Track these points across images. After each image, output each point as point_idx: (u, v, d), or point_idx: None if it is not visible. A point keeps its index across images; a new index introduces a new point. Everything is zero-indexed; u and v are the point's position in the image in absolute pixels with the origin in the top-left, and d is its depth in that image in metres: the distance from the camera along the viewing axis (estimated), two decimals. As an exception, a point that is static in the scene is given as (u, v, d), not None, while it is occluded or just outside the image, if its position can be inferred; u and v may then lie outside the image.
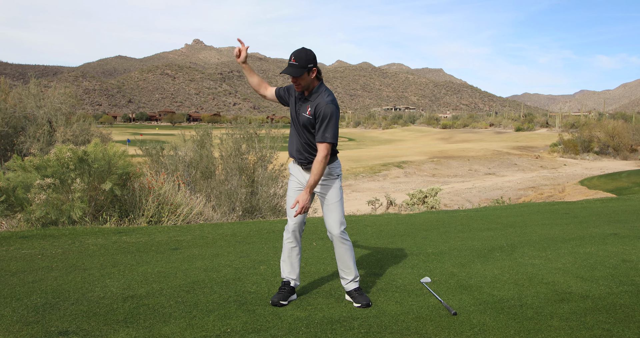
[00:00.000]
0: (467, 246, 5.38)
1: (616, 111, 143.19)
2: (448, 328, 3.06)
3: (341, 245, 3.52)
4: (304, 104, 3.43)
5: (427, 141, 64.45)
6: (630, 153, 42.05)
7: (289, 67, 3.29)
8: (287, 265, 3.58)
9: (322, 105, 3.32)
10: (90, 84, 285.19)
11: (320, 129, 3.33)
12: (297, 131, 3.51)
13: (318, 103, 3.35)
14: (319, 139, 3.32)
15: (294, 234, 3.53)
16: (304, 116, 3.40)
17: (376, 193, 20.67)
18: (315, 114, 3.35)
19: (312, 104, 3.37)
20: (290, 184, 3.62)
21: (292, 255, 3.56)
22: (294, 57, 3.27)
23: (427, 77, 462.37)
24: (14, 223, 6.49)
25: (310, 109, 3.37)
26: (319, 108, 3.32)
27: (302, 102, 3.45)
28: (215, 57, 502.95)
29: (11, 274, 4.11)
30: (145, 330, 2.97)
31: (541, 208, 8.81)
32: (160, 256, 4.82)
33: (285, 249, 3.57)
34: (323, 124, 3.31)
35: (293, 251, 3.56)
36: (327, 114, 3.30)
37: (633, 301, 3.60)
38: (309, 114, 3.37)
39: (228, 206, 9.13)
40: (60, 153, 6.39)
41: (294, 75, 3.26)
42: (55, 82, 16.49)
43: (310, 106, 3.38)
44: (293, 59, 3.27)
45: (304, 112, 3.40)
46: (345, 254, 3.53)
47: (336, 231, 3.47)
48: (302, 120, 3.42)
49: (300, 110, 3.44)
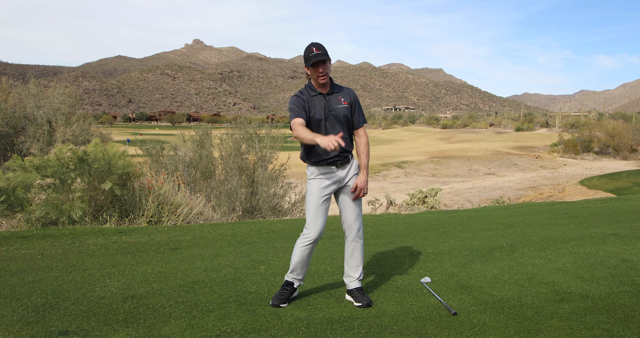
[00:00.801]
0: (467, 246, 5.38)
1: (616, 111, 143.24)
2: (448, 328, 3.06)
3: (359, 240, 3.52)
4: (332, 98, 3.44)
5: (427, 141, 64.46)
6: (630, 153, 42.05)
7: (316, 56, 3.28)
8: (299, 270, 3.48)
9: (352, 93, 3.52)
10: (90, 84, 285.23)
11: (360, 114, 3.52)
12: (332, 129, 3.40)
13: (349, 92, 3.51)
14: (362, 123, 3.52)
15: (315, 243, 3.44)
16: (342, 107, 3.43)
17: (376, 193, 20.67)
18: (351, 102, 3.47)
19: (343, 94, 3.47)
20: (315, 192, 3.42)
21: (306, 263, 3.49)
22: (315, 48, 3.30)
23: (427, 77, 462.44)
24: (14, 223, 6.49)
25: (344, 98, 3.46)
26: (353, 95, 3.50)
27: (329, 98, 3.43)
28: (215, 57, 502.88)
29: (11, 274, 4.12)
30: (145, 330, 2.97)
31: (541, 208, 8.81)
32: (160, 256, 4.82)
33: (301, 256, 3.43)
34: (360, 109, 3.52)
35: (308, 258, 3.48)
36: (358, 100, 3.54)
37: (633, 301, 3.59)
38: (345, 103, 3.44)
39: (228, 206, 9.13)
40: (60, 153, 6.39)
41: (327, 59, 3.32)
42: (55, 82, 16.49)
43: (342, 96, 3.46)
44: (316, 49, 3.30)
45: (339, 105, 3.43)
46: (358, 251, 3.53)
47: (357, 225, 3.48)
48: (341, 112, 3.42)
49: (332, 104, 3.42)
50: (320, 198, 3.41)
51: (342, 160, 3.44)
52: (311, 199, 3.42)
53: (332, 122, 3.41)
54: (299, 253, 3.44)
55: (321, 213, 3.41)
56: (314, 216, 3.39)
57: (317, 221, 3.39)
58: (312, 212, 3.40)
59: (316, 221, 3.39)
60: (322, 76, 3.34)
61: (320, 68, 3.31)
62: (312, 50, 3.29)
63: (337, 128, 3.41)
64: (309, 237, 3.39)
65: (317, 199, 3.41)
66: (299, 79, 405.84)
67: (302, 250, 3.43)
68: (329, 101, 3.42)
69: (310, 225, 3.40)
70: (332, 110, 3.41)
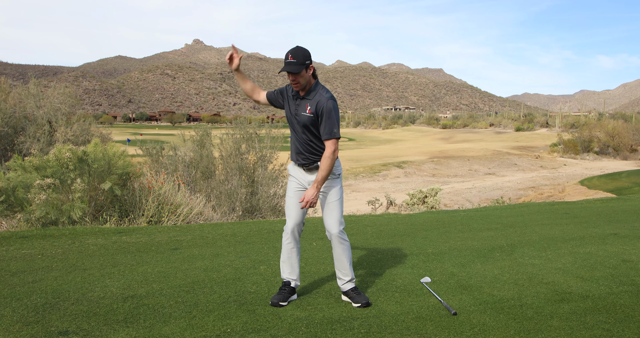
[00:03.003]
0: (467, 246, 5.38)
1: (616, 111, 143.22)
2: (448, 328, 3.06)
3: (339, 244, 3.51)
4: (301, 103, 3.40)
5: (427, 141, 64.44)
6: (630, 153, 42.04)
7: (288, 65, 3.25)
8: (287, 266, 3.57)
9: (323, 102, 3.32)
10: (90, 84, 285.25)
11: (326, 126, 3.32)
12: (296, 132, 3.48)
13: (319, 101, 3.33)
14: (327, 136, 3.32)
15: (293, 234, 3.53)
16: (304, 115, 3.37)
17: (376, 193, 20.67)
18: (317, 111, 3.33)
19: (312, 103, 3.35)
20: (290, 184, 3.60)
21: (291, 256, 3.55)
22: (291, 55, 3.25)
23: (427, 77, 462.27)
24: (14, 223, 6.49)
25: (310, 107, 3.35)
26: (321, 105, 3.31)
27: (299, 102, 3.42)
28: (215, 57, 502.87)
29: (11, 274, 4.11)
30: (145, 330, 2.97)
31: (541, 208, 8.81)
32: (160, 256, 4.82)
33: (285, 250, 3.57)
34: (328, 120, 3.31)
35: (292, 252, 3.55)
36: (330, 110, 3.31)
37: (633, 301, 3.60)
38: (309, 112, 3.35)
39: (228, 206, 9.13)
40: (60, 153, 6.39)
41: (294, 72, 3.24)
42: (55, 82, 16.49)
43: (310, 105, 3.35)
44: (290, 57, 3.25)
45: (303, 112, 3.37)
46: (342, 254, 3.52)
47: (335, 230, 3.47)
48: (302, 119, 3.38)
49: (299, 110, 3.41)
50: (293, 190, 3.57)
51: (306, 163, 3.48)
52: (287, 192, 3.63)
53: (295, 126, 3.47)
54: (283, 248, 3.60)
55: (293, 205, 3.52)
56: (287, 207, 3.57)
57: (289, 211, 3.54)
58: (286, 204, 3.58)
59: (289, 212, 3.54)
60: (293, 84, 3.35)
61: (290, 76, 3.31)
62: (288, 57, 3.27)
63: (297, 132, 3.47)
64: (286, 228, 3.56)
65: (291, 192, 3.57)
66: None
67: (285, 244, 3.58)
68: (297, 106, 3.43)
69: (286, 216, 3.58)
70: (296, 115, 3.43)
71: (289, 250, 3.56)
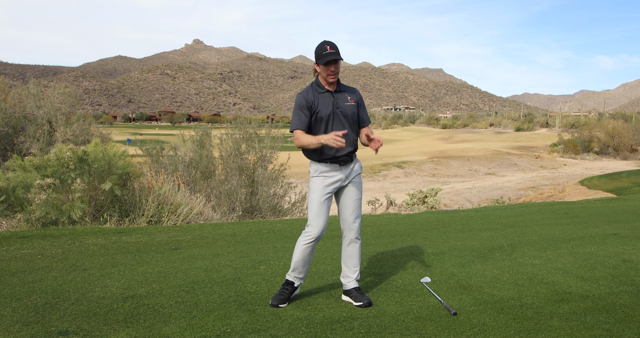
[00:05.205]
0: (467, 246, 5.38)
1: (616, 111, 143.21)
2: (448, 328, 3.06)
3: (357, 241, 3.55)
4: (339, 96, 3.46)
5: (427, 141, 64.45)
6: (630, 153, 42.05)
7: (331, 55, 3.30)
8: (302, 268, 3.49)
9: (358, 92, 3.59)
10: (90, 84, 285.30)
11: (364, 113, 3.56)
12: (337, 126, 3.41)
13: (354, 91, 3.56)
14: (367, 122, 3.56)
15: (317, 241, 3.44)
16: (349, 105, 3.47)
17: (376, 193, 20.67)
18: (357, 100, 3.53)
19: (348, 93, 3.52)
20: (320, 189, 3.41)
21: (309, 260, 3.50)
22: (329, 46, 3.33)
23: (427, 77, 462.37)
24: (14, 223, 6.49)
25: (350, 97, 3.50)
26: (357, 94, 3.57)
27: (336, 95, 3.46)
28: (215, 57, 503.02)
29: (11, 274, 4.11)
30: (145, 330, 2.97)
31: (541, 208, 8.81)
32: (160, 256, 4.82)
33: (304, 254, 3.44)
34: (363, 109, 3.58)
35: (310, 256, 3.49)
36: (362, 100, 3.62)
37: (633, 301, 3.60)
38: (352, 102, 3.49)
39: (228, 206, 9.13)
40: (60, 152, 6.39)
41: (340, 58, 3.34)
42: (55, 82, 16.47)
43: (349, 95, 3.50)
44: (329, 48, 3.32)
45: (346, 103, 3.46)
46: (357, 251, 3.56)
47: (357, 225, 3.51)
48: (349, 109, 3.46)
49: (339, 102, 3.44)
50: (322, 195, 3.41)
51: (346, 158, 3.44)
52: (314, 196, 3.43)
53: (337, 120, 3.43)
54: (301, 252, 3.45)
55: (323, 210, 3.41)
56: (317, 213, 3.40)
57: (319, 218, 3.40)
58: (314, 209, 3.41)
59: (318, 219, 3.39)
60: (332, 75, 3.37)
61: (332, 67, 3.35)
62: (326, 48, 3.31)
63: (343, 125, 3.43)
64: (310, 235, 3.40)
65: (320, 197, 3.41)
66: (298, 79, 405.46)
67: (304, 248, 3.43)
68: (336, 99, 3.44)
69: (313, 222, 3.40)
70: (339, 107, 3.43)
71: (307, 255, 3.46)
